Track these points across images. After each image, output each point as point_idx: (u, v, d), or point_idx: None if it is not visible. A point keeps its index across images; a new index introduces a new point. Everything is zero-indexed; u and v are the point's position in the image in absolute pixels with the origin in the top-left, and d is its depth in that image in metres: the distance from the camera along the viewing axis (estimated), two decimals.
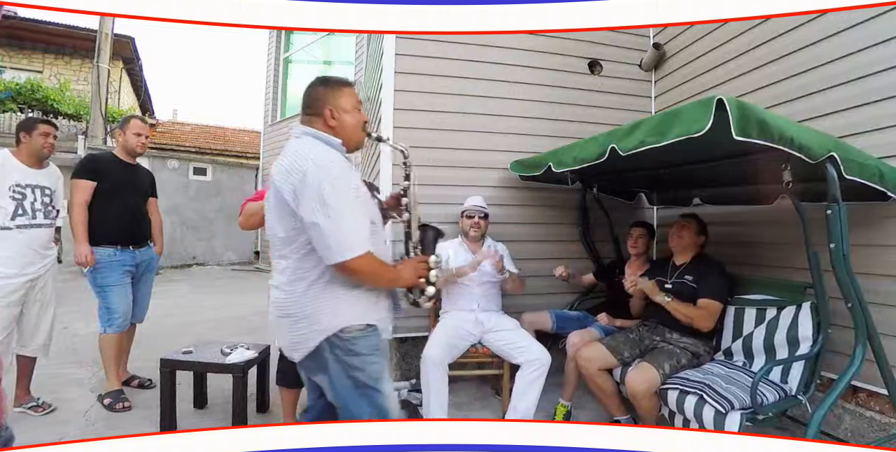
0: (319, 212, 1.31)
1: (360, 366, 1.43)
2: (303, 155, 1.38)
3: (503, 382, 2.65)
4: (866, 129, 2.21)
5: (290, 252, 1.43)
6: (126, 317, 2.78)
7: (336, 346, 1.42)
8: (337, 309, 1.41)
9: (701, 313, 2.27)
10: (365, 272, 1.38)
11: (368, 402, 1.45)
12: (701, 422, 1.89)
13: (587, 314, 2.99)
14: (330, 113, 1.47)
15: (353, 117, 1.51)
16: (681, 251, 2.53)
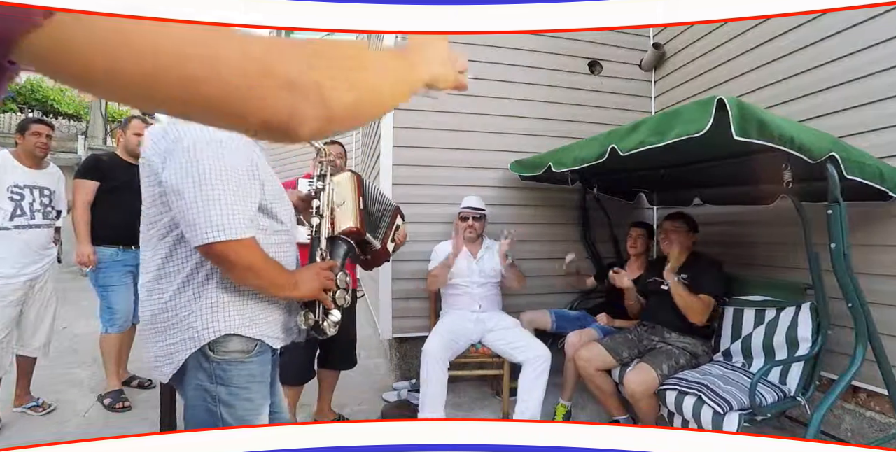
0: (189, 178, 1.02)
1: (226, 400, 1.10)
2: (189, 123, 1.03)
3: (503, 382, 2.65)
4: (866, 129, 2.21)
5: (154, 236, 1.13)
6: (127, 317, 2.78)
7: (201, 368, 1.09)
8: (213, 315, 1.09)
9: (697, 304, 2.27)
10: (239, 262, 1.05)
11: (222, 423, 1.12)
12: (699, 423, 1.89)
13: (586, 314, 2.99)
14: None
15: None
16: (676, 256, 2.48)
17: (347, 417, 2.62)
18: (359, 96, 0.43)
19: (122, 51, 0.30)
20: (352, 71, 0.43)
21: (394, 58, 0.52)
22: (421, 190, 3.19)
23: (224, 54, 0.34)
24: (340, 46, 0.43)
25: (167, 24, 0.32)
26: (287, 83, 0.36)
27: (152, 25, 0.31)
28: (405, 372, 3.21)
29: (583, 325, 2.82)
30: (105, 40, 0.29)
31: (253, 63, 0.35)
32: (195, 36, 0.33)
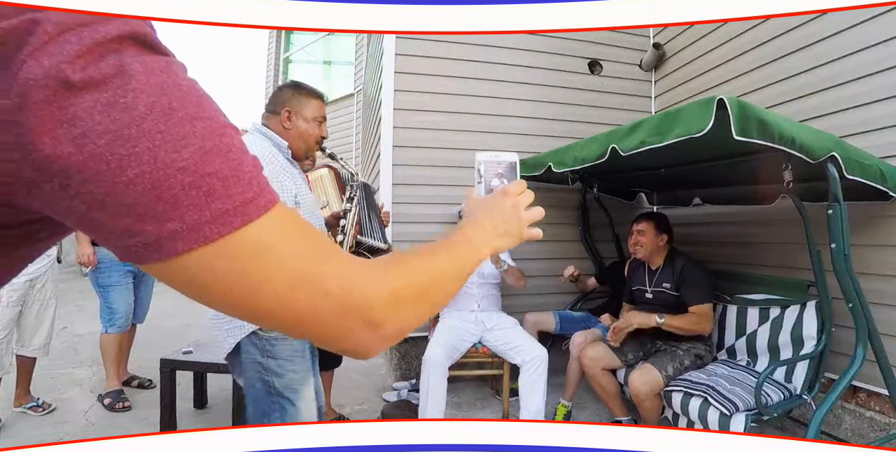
0: None
1: (276, 371, 1.32)
2: None
3: (503, 382, 2.65)
4: (866, 129, 2.21)
5: None
6: (127, 317, 2.78)
7: (254, 345, 1.32)
8: None
9: (695, 320, 2.25)
10: None
11: (280, 413, 1.34)
12: (706, 424, 1.88)
13: (590, 314, 2.99)
14: (287, 114, 1.47)
15: (310, 128, 1.50)
16: (647, 257, 2.48)
17: (347, 417, 2.62)
18: (432, 313, 0.49)
19: (237, 287, 0.35)
20: (432, 299, 0.48)
21: (462, 254, 0.53)
22: (421, 190, 3.19)
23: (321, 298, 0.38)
24: (421, 267, 0.47)
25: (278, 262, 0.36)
26: (370, 323, 0.41)
27: (266, 266, 0.36)
28: (405, 372, 3.21)
29: (586, 326, 2.83)
30: (226, 274, 0.35)
31: (347, 304, 0.39)
32: (301, 274, 0.37)
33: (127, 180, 0.30)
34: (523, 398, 2.40)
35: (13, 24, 0.27)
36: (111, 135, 0.29)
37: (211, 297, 0.37)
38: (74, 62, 0.28)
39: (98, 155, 0.29)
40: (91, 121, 0.29)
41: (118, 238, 0.32)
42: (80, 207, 0.31)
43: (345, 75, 8.47)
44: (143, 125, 0.30)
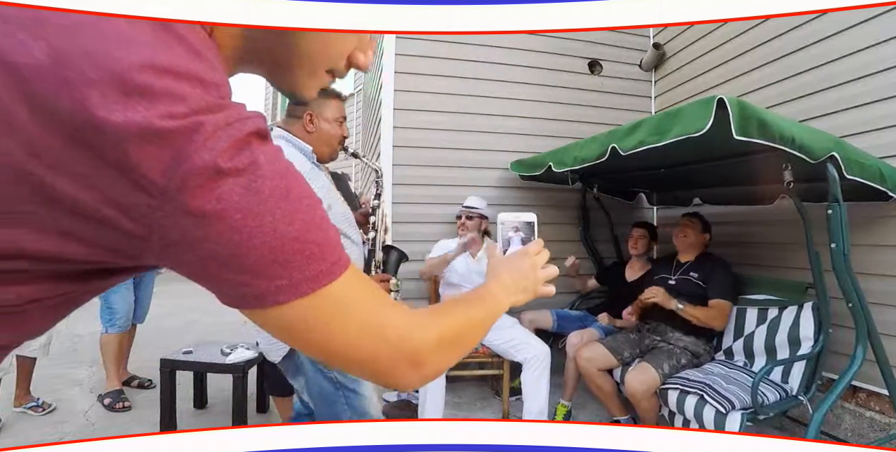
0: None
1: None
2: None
3: (503, 382, 2.65)
4: (866, 129, 2.21)
5: None
6: (127, 317, 2.78)
7: None
8: None
9: (714, 314, 2.28)
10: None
11: (347, 404, 1.41)
12: (701, 422, 1.89)
13: (588, 314, 2.99)
14: (309, 118, 1.46)
15: (332, 129, 1.50)
16: (685, 249, 2.53)
17: None
18: (462, 356, 0.59)
19: (318, 333, 0.45)
20: (465, 344, 0.58)
21: (490, 308, 0.63)
22: (421, 190, 3.19)
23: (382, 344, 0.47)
24: (459, 319, 0.57)
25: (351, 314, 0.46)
26: (416, 364, 0.50)
27: (342, 317, 0.45)
28: None
29: (584, 325, 2.82)
30: (313, 322, 0.44)
31: (401, 348, 0.48)
32: (366, 325, 0.47)
33: (252, 246, 0.38)
34: (527, 396, 2.41)
35: (184, 124, 0.35)
36: (245, 212, 0.37)
37: (297, 340, 0.46)
38: (223, 154, 0.36)
39: (234, 227, 0.37)
40: (231, 200, 0.37)
41: (232, 287, 0.41)
42: (210, 263, 0.39)
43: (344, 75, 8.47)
44: (267, 204, 0.39)
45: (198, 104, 0.36)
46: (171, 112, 0.34)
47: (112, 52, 0.34)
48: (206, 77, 0.38)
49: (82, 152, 0.34)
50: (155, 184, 0.35)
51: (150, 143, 0.34)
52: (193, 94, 0.36)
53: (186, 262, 0.39)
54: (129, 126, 0.33)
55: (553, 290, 0.71)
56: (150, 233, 0.37)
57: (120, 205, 0.35)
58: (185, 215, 0.36)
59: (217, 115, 0.37)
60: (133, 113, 0.33)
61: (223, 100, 0.38)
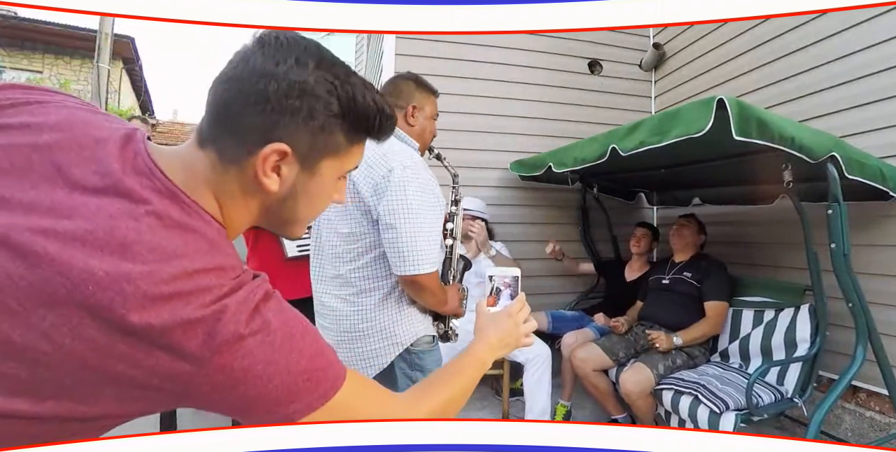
0: (401, 214, 1.21)
1: (428, 368, 1.39)
2: (387, 148, 1.25)
3: (503, 382, 2.65)
4: (866, 129, 2.21)
5: (352, 251, 1.30)
6: None
7: (405, 360, 1.36)
8: (411, 321, 1.34)
9: (710, 323, 2.30)
10: (428, 289, 1.28)
11: None
12: (696, 422, 1.89)
13: (584, 314, 2.98)
14: (412, 110, 1.39)
15: (430, 125, 1.46)
16: (681, 249, 2.55)
17: None
18: (447, 416, 0.72)
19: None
20: (454, 407, 0.71)
21: (473, 373, 0.74)
22: None
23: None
24: (443, 396, 0.68)
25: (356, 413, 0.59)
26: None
27: (347, 417, 0.58)
28: None
29: (580, 326, 2.82)
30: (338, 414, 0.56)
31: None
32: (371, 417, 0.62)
33: (273, 386, 0.48)
34: (528, 397, 2.41)
35: (213, 310, 0.45)
36: (265, 362, 0.48)
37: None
38: (244, 324, 0.47)
39: (258, 375, 0.47)
40: (252, 355, 0.47)
41: (259, 416, 0.51)
42: (237, 403, 0.49)
43: None
44: (280, 351, 0.49)
45: (221, 291, 0.46)
46: (201, 302, 0.45)
47: (156, 268, 0.44)
48: (225, 263, 0.48)
49: (135, 344, 0.43)
50: (193, 355, 0.44)
51: (188, 329, 0.44)
52: (217, 283, 0.46)
53: (218, 403, 0.49)
54: (171, 321, 0.43)
55: (532, 341, 0.83)
56: (188, 390, 0.46)
57: (166, 374, 0.44)
58: (218, 373, 0.46)
59: (237, 294, 0.47)
60: (174, 312, 0.43)
61: (238, 279, 0.49)
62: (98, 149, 0.48)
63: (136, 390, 0.45)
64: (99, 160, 0.48)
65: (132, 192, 0.47)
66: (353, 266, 1.31)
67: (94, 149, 0.48)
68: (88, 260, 0.42)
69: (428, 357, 1.39)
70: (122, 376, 0.43)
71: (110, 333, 0.42)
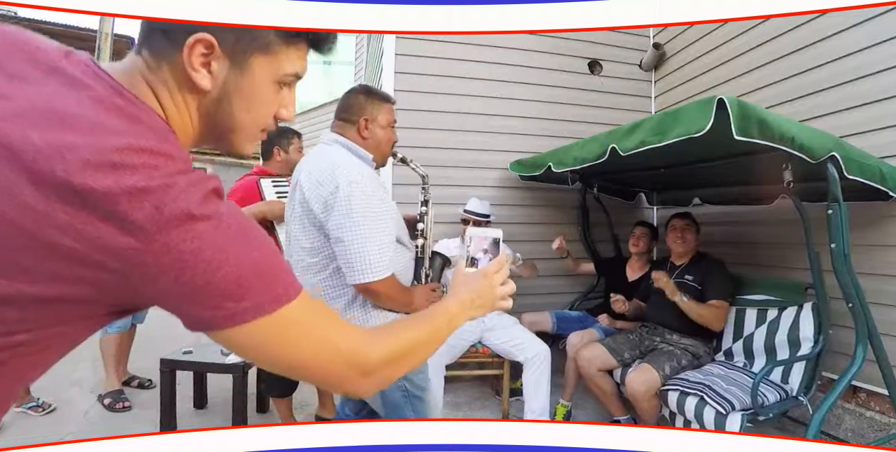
0: (347, 228, 1.28)
1: (410, 377, 1.43)
2: (335, 165, 1.34)
3: (503, 382, 2.65)
4: (866, 129, 2.21)
5: (315, 264, 1.39)
6: (127, 317, 2.78)
7: None
8: (379, 323, 1.39)
9: (714, 313, 2.27)
10: (383, 295, 1.35)
11: (413, 411, 1.46)
12: (702, 423, 1.88)
13: (587, 314, 2.98)
14: (364, 123, 1.44)
15: (386, 134, 1.49)
16: (685, 252, 2.52)
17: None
18: (413, 368, 0.67)
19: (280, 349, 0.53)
20: (415, 356, 0.65)
21: (440, 324, 0.70)
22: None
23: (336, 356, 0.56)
24: (406, 336, 0.64)
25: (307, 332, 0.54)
26: (366, 374, 0.58)
27: (300, 334, 0.53)
28: None
29: (584, 326, 2.82)
30: (275, 338, 0.51)
31: (352, 361, 0.57)
32: (322, 341, 0.55)
33: (221, 274, 0.46)
34: (527, 397, 2.41)
35: (162, 182, 0.43)
36: (215, 248, 0.45)
37: (261, 356, 0.54)
38: (195, 203, 0.45)
39: (206, 260, 0.45)
40: (204, 238, 0.45)
41: (204, 310, 0.47)
42: (184, 292, 0.46)
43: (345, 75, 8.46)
44: (232, 241, 0.47)
45: (170, 170, 0.45)
46: (150, 176, 0.43)
47: (99, 140, 0.43)
48: (175, 154, 0.46)
49: (77, 212, 0.41)
50: (139, 228, 0.42)
51: (134, 197, 0.42)
52: (166, 165, 0.45)
53: (164, 291, 0.46)
54: (116, 187, 0.41)
55: (510, 304, 0.78)
56: (133, 270, 0.44)
57: (110, 249, 0.42)
58: (164, 252, 0.43)
59: (189, 176, 0.46)
60: (118, 179, 0.41)
61: (190, 167, 0.47)
62: (39, 53, 0.48)
63: (80, 267, 0.43)
64: (39, 58, 0.48)
65: (74, 79, 0.46)
66: (320, 277, 1.39)
67: (35, 52, 0.48)
68: (28, 133, 0.41)
69: None
70: (64, 249, 0.41)
71: (50, 200, 0.40)
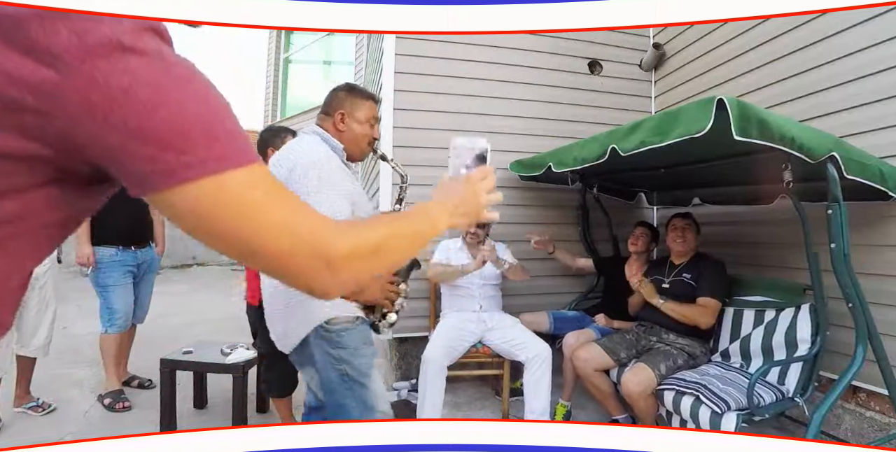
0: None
1: (347, 359, 1.42)
2: (298, 149, 1.43)
3: (503, 382, 2.65)
4: (866, 129, 2.21)
5: None
6: (127, 317, 2.78)
7: (322, 338, 1.41)
8: (323, 301, 1.38)
9: (699, 311, 2.27)
10: None
11: (353, 397, 1.43)
12: (697, 423, 1.89)
13: (585, 314, 2.98)
14: (340, 117, 1.52)
15: (363, 129, 1.56)
16: (686, 252, 2.51)
17: None
18: (386, 267, 0.59)
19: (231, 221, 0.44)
20: (387, 254, 0.57)
21: (418, 223, 0.64)
22: (421, 190, 3.17)
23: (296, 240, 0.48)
24: (379, 230, 0.57)
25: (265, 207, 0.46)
26: (331, 266, 0.50)
27: (255, 207, 0.45)
28: (405, 371, 3.21)
29: (581, 326, 2.82)
30: (224, 206, 0.43)
31: (316, 248, 0.49)
32: (281, 222, 0.47)
33: (158, 118, 0.39)
34: (528, 397, 2.41)
35: (83, 14, 0.37)
36: (151, 87, 0.39)
37: (210, 229, 0.45)
38: (126, 33, 0.38)
39: (140, 100, 0.38)
40: (137, 74, 0.38)
41: (139, 162, 0.40)
42: (115, 135, 0.39)
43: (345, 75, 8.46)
44: (174, 84, 0.40)
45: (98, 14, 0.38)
46: (67, 13, 0.37)
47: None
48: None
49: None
50: (57, 56, 0.36)
51: (46, 21, 0.36)
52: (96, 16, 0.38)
53: (96, 139, 0.40)
54: (25, 12, 0.36)
55: (496, 216, 0.73)
56: (56, 109, 0.38)
57: (26, 83, 0.37)
58: (90, 87, 0.37)
59: (123, 18, 0.39)
60: (26, 8, 0.36)
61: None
62: None
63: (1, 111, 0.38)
64: None
65: None
66: None
67: None
68: None
69: (348, 335, 1.42)
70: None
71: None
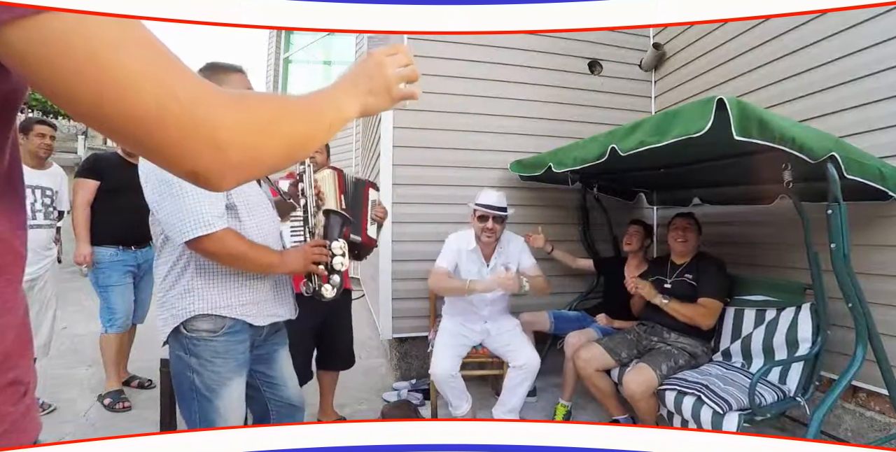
0: (164, 192, 1.24)
1: (196, 369, 1.32)
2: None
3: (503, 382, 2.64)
4: (866, 129, 2.21)
5: (157, 238, 1.38)
6: (127, 317, 2.78)
7: (177, 341, 1.33)
8: (184, 298, 1.31)
9: (701, 311, 2.27)
10: (219, 251, 1.27)
11: (196, 409, 1.34)
12: (699, 423, 1.89)
13: (586, 314, 2.98)
14: None
15: None
16: (688, 253, 2.51)
17: (347, 417, 2.62)
18: (283, 149, 0.49)
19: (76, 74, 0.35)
20: (282, 131, 0.48)
21: (320, 102, 0.56)
22: (421, 190, 3.19)
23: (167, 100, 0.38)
24: (274, 103, 0.49)
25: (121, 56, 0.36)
26: (214, 140, 0.41)
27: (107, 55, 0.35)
28: (405, 372, 3.21)
29: (582, 326, 2.82)
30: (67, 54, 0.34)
31: (193, 116, 0.39)
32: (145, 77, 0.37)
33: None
34: (504, 393, 2.42)
35: None
36: None
37: (58, 79, 0.36)
38: None
39: None
40: None
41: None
42: None
43: None
44: None
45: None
46: None
47: None
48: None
49: None
50: None
51: None
52: None
53: None
54: None
55: (416, 93, 0.66)
56: None
57: None
58: None
59: None
60: None
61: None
62: None
63: None
64: None
65: None
66: (158, 249, 1.40)
67: None
68: None
69: (202, 344, 1.31)
70: None
71: None
